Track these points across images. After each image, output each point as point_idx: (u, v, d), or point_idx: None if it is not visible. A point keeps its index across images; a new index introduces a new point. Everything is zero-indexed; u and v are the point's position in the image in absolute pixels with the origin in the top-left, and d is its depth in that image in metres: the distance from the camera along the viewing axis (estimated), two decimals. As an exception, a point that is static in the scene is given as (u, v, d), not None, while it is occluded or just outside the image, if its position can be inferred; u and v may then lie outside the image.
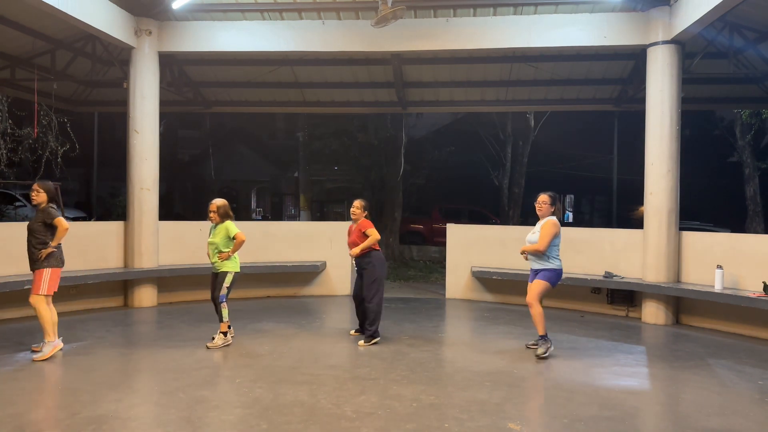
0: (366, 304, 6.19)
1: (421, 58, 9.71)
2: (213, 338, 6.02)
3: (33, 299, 5.42)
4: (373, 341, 6.16)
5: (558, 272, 5.75)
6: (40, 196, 5.50)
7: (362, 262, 6.26)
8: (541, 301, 5.71)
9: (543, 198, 5.80)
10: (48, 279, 5.43)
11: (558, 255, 5.74)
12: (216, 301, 5.97)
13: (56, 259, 5.48)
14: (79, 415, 4.00)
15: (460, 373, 5.19)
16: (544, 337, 5.73)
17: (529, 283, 5.83)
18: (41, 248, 5.39)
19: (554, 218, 5.78)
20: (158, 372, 5.08)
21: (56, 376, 4.82)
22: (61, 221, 5.46)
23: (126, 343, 6.27)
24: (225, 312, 5.95)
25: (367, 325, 6.20)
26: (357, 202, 6.36)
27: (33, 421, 3.84)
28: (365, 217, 6.32)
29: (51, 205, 5.53)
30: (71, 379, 4.73)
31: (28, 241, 5.46)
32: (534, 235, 5.77)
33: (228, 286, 5.97)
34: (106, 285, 8.02)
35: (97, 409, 4.10)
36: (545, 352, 5.65)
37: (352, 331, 6.58)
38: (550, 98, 11.45)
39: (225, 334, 6.00)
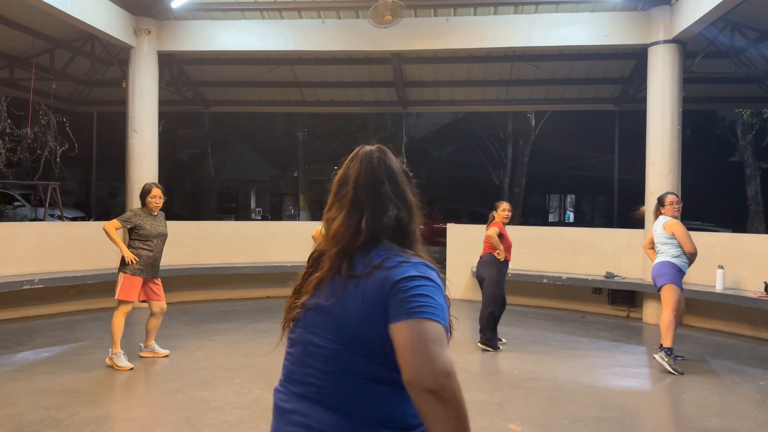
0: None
1: (421, 58, 9.70)
2: None
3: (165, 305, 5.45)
4: None
5: None
6: (162, 201, 5.33)
7: None
8: None
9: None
10: None
11: None
12: None
13: None
14: (78, 415, 3.98)
15: (460, 373, 5.13)
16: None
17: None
18: None
19: None
20: (157, 372, 5.06)
21: (55, 376, 4.80)
22: None
23: (125, 343, 6.24)
24: None
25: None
26: (509, 205, 6.25)
27: (32, 421, 3.82)
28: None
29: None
30: (71, 379, 4.71)
31: (159, 246, 5.32)
32: None
33: None
34: (105, 285, 7.98)
35: (97, 409, 4.08)
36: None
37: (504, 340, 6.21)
38: (551, 98, 11.43)
39: None
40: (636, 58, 9.27)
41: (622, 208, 20.62)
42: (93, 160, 19.17)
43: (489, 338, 5.96)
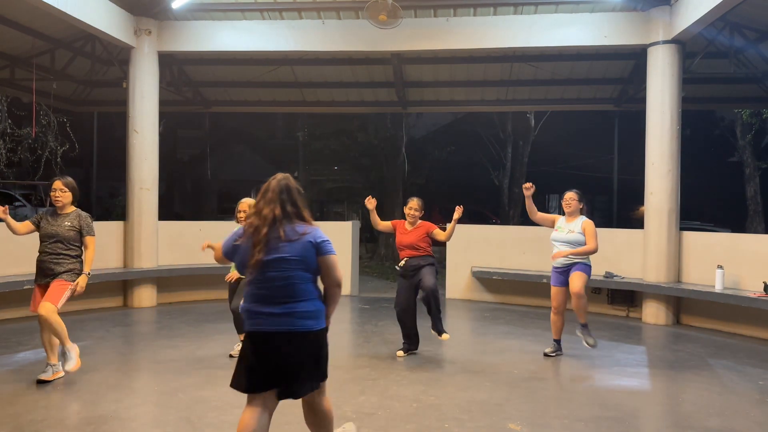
0: (434, 294, 5.49)
1: (421, 58, 9.70)
2: (236, 346, 5.50)
3: (47, 310, 4.42)
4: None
5: (590, 267, 5.69)
6: (65, 195, 4.63)
7: (419, 260, 5.58)
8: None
9: (571, 195, 5.66)
10: (68, 295, 4.61)
11: None
12: (236, 310, 5.18)
13: (77, 274, 4.70)
14: (79, 415, 3.99)
15: (460, 373, 5.18)
16: (586, 326, 5.66)
17: (570, 278, 5.56)
18: (70, 260, 4.59)
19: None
20: (158, 372, 5.07)
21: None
22: (94, 241, 4.67)
23: (125, 343, 6.27)
24: None
25: (437, 319, 5.58)
26: (416, 202, 5.70)
27: (33, 420, 3.83)
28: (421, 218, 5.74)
29: (84, 212, 4.72)
30: (71, 379, 4.72)
31: (50, 248, 4.56)
32: (572, 234, 5.56)
33: None
34: (105, 285, 8.01)
35: (97, 409, 4.09)
36: (594, 342, 5.63)
37: (400, 352, 5.69)
38: (551, 98, 11.43)
39: None
40: (635, 58, 9.27)
41: (621, 208, 20.61)
42: (93, 160, 19.17)
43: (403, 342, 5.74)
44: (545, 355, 5.78)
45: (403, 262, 5.61)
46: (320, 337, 2.83)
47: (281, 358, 2.74)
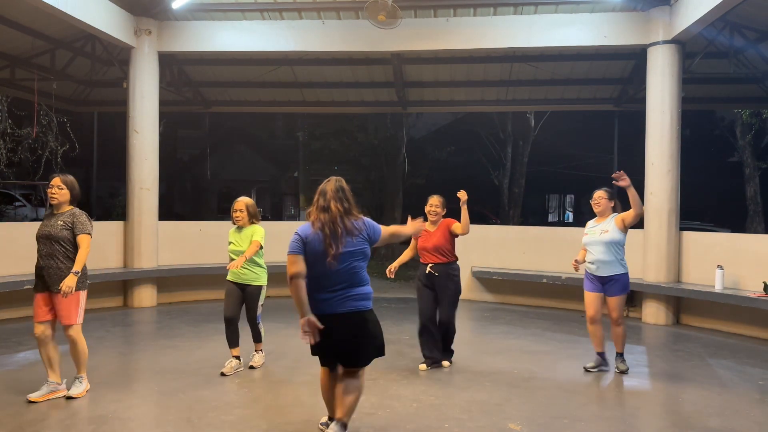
0: (450, 326, 5.29)
1: (421, 58, 9.70)
2: (253, 356, 5.25)
3: (73, 332, 4.23)
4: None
5: (628, 275, 5.22)
6: (62, 193, 4.26)
7: (447, 271, 5.20)
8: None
9: (600, 194, 5.30)
10: (84, 304, 4.31)
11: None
12: (252, 322, 5.12)
13: (86, 277, 4.32)
14: (79, 415, 3.99)
15: (460, 373, 5.19)
16: (621, 355, 5.25)
17: (608, 297, 5.19)
18: (71, 264, 4.18)
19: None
20: (158, 372, 5.07)
21: (56, 376, 4.80)
22: (87, 240, 4.22)
23: (125, 343, 6.27)
24: (263, 331, 5.22)
25: (449, 347, 5.41)
26: (436, 199, 5.35)
27: (32, 421, 3.83)
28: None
29: (80, 210, 4.34)
30: (71, 379, 4.72)
31: (46, 251, 4.19)
32: (606, 233, 5.11)
33: (262, 303, 5.12)
34: (105, 285, 8.01)
35: (97, 409, 4.09)
36: (627, 368, 5.17)
37: (423, 366, 5.24)
38: (551, 98, 11.44)
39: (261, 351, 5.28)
40: (635, 58, 9.28)
41: (621, 208, 20.59)
42: (93, 160, 19.14)
43: (424, 355, 5.32)
44: (585, 370, 5.23)
45: (428, 270, 5.24)
46: (374, 316, 3.38)
47: (345, 336, 3.25)
